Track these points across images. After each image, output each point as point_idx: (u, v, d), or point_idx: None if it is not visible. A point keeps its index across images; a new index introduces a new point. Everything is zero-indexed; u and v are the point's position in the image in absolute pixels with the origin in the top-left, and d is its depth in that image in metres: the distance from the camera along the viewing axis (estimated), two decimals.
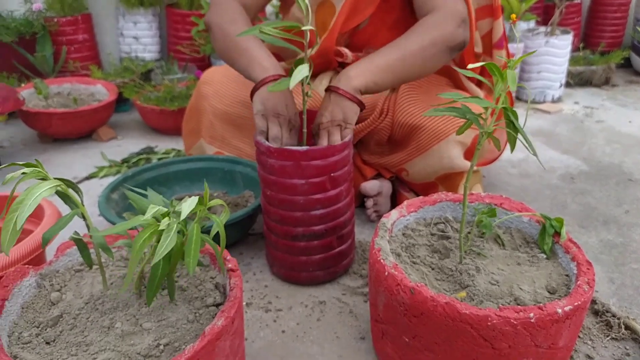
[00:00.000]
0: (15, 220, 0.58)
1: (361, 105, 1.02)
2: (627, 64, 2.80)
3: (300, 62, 0.93)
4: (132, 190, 0.78)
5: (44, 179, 0.65)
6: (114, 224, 1.08)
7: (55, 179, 0.68)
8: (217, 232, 0.67)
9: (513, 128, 0.73)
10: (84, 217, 0.71)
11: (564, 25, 2.65)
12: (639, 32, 2.74)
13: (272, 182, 1.01)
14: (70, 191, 0.69)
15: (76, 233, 0.72)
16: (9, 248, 0.58)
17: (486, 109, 0.74)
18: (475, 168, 1.31)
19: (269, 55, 1.06)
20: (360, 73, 1.02)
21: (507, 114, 0.73)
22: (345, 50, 1.26)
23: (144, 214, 0.73)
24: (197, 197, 0.65)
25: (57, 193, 0.68)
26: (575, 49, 2.73)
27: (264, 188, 1.05)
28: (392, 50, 1.05)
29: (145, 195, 0.76)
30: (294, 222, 1.03)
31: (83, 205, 0.71)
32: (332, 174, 1.00)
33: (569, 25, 2.75)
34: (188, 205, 0.63)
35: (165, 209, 0.65)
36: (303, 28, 0.89)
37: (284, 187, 1.00)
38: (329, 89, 1.02)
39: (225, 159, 1.38)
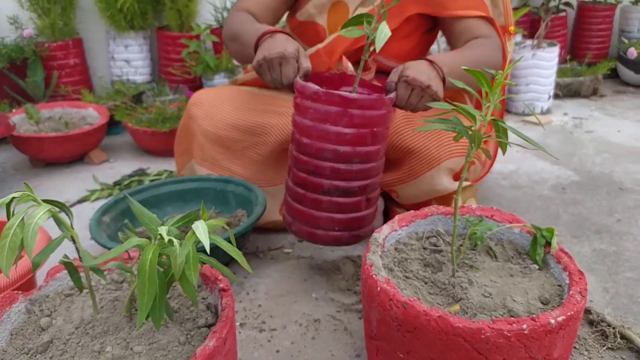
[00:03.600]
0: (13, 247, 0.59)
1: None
2: (614, 75, 2.84)
3: (360, 19, 0.94)
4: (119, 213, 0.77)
5: (36, 203, 0.65)
6: (105, 247, 1.08)
7: (44, 201, 0.68)
8: (211, 250, 0.67)
9: (504, 136, 0.74)
10: (73, 240, 0.71)
11: (551, 38, 2.69)
12: (624, 43, 2.78)
13: (310, 129, 0.97)
14: (61, 214, 0.69)
15: (66, 256, 0.72)
16: (7, 270, 0.59)
17: (475, 120, 0.75)
18: (469, 183, 1.32)
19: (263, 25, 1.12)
20: (450, 72, 1.04)
21: (497, 124, 0.74)
22: (348, 64, 1.28)
23: (146, 228, 0.72)
24: (207, 220, 0.65)
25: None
26: (562, 61, 2.76)
27: (299, 136, 1.00)
28: (470, 61, 1.08)
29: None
30: (329, 173, 0.99)
31: (73, 228, 0.71)
32: (375, 129, 0.97)
33: (555, 37, 2.78)
34: (202, 228, 0.62)
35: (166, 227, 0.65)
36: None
37: (325, 135, 0.96)
38: (431, 63, 1.02)
39: (217, 179, 1.38)
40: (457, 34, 1.23)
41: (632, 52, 2.64)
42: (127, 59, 2.40)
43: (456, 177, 1.27)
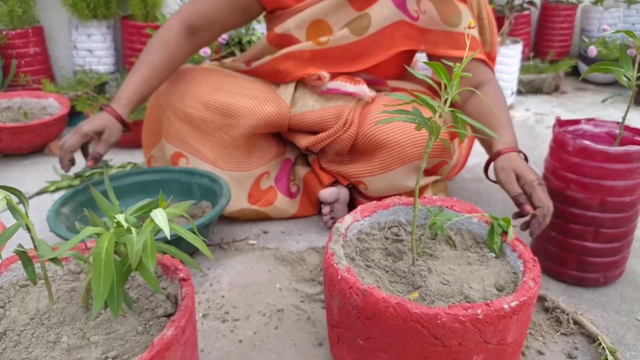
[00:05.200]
0: None
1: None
2: (575, 72, 2.92)
3: None
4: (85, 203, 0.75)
5: None
6: (64, 239, 1.06)
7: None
8: (174, 240, 0.66)
9: (462, 126, 0.75)
10: (28, 229, 0.69)
11: (514, 36, 2.75)
12: (585, 42, 2.86)
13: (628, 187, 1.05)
14: (19, 203, 0.67)
15: (20, 246, 0.70)
16: None
17: (434, 111, 0.76)
18: (440, 178, 1.33)
19: (130, 90, 1.27)
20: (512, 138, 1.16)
21: (455, 115, 0.75)
22: (324, 74, 1.30)
23: (106, 215, 0.71)
24: (165, 207, 0.64)
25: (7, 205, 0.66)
26: (525, 58, 2.82)
27: (601, 198, 1.04)
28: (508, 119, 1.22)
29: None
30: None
31: (28, 216, 0.69)
32: None
33: (519, 35, 2.84)
34: (161, 215, 0.61)
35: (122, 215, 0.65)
36: None
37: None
38: (505, 153, 1.09)
39: (181, 170, 1.36)
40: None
41: (592, 51, 2.72)
42: (90, 49, 2.34)
43: (426, 173, 1.29)
